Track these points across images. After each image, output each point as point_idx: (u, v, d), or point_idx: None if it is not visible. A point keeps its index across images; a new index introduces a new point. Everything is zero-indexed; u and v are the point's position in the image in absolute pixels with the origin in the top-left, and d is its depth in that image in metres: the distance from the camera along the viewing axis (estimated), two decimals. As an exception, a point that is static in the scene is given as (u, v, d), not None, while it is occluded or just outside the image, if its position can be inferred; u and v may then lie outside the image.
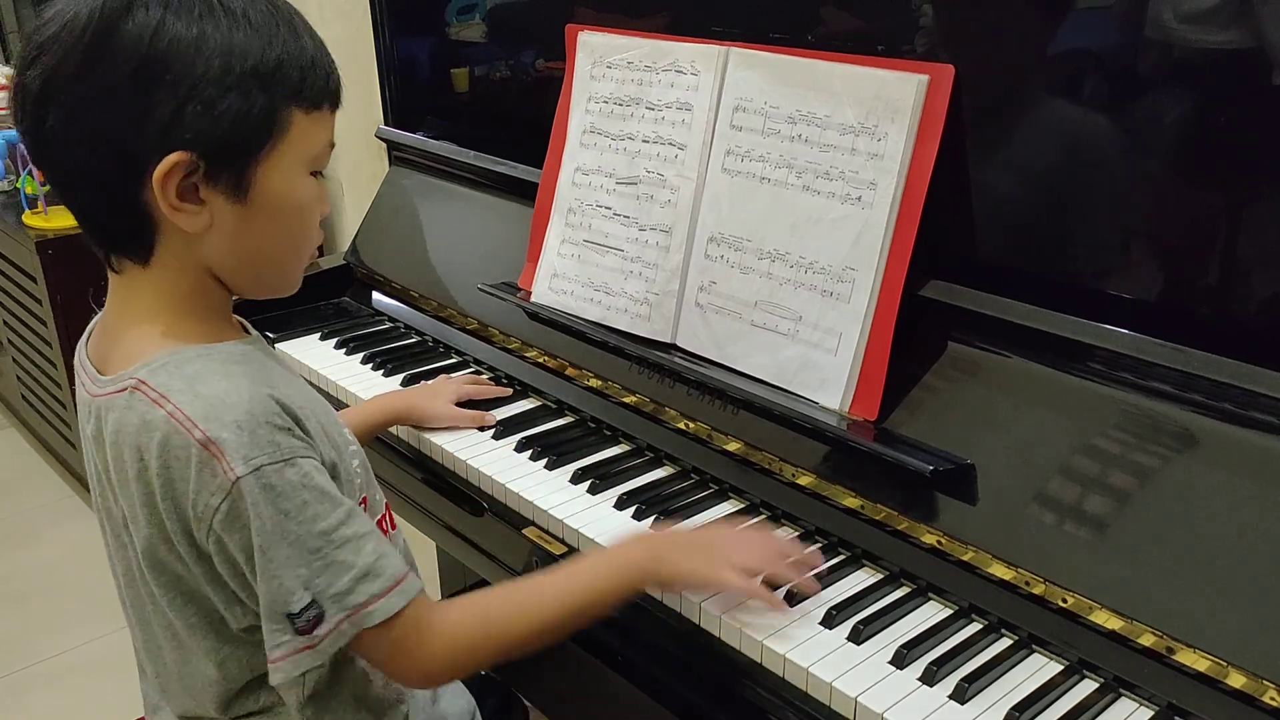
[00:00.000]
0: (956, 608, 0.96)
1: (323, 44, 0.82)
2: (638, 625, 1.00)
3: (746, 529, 1.03)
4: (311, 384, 1.44)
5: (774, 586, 0.94)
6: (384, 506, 0.98)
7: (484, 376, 1.39)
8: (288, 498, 0.77)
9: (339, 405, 1.41)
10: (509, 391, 1.31)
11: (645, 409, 1.23)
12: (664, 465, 1.19)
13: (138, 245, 0.80)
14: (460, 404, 1.30)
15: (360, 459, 0.93)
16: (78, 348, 0.89)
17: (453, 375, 1.38)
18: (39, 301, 2.46)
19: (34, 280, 2.45)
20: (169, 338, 0.81)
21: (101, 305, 0.88)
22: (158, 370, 0.78)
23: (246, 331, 0.89)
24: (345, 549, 0.80)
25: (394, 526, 1.00)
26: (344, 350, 1.51)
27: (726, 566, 0.91)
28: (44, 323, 2.47)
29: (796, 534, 1.06)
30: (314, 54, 0.80)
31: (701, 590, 0.95)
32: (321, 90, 0.81)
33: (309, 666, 0.79)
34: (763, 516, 1.09)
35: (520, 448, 1.23)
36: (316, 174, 0.84)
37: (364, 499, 0.90)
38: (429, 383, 1.36)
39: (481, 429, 1.27)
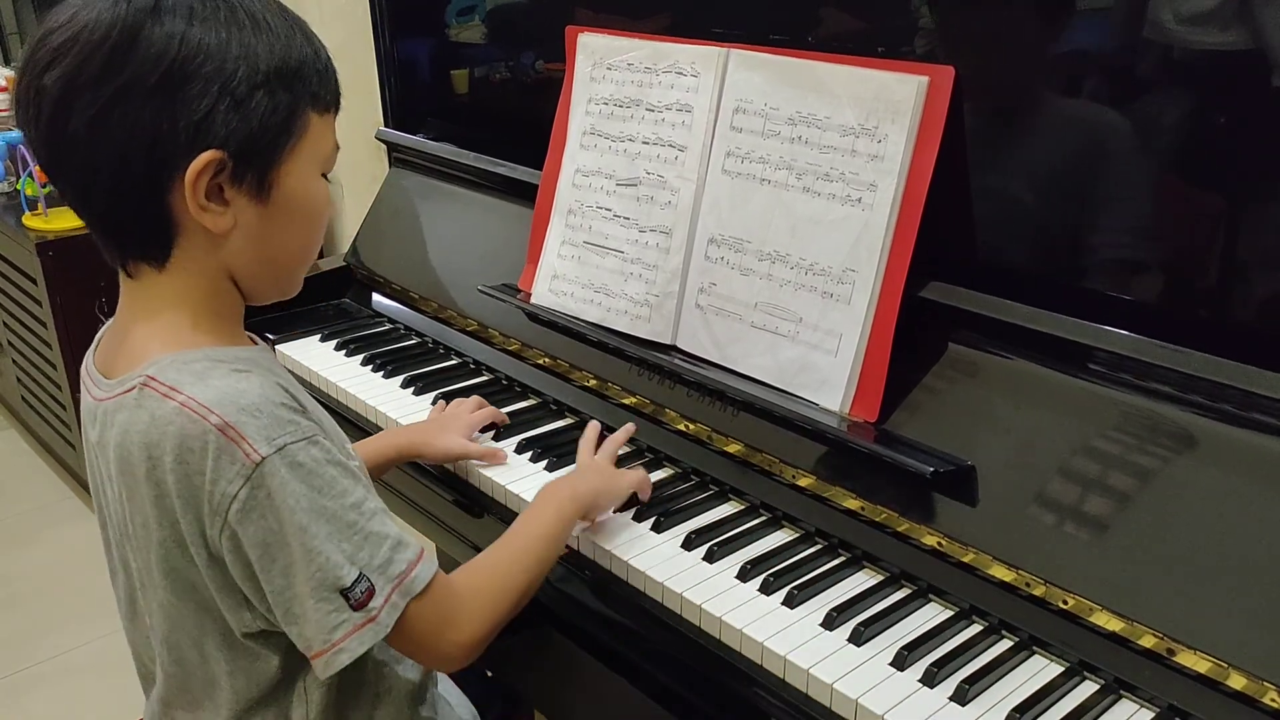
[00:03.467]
0: (957, 609, 0.96)
1: (326, 49, 0.85)
2: (639, 627, 1.00)
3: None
4: (312, 385, 1.46)
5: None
6: None
7: (490, 408, 1.28)
8: (317, 474, 0.78)
9: (338, 407, 1.41)
10: (508, 420, 1.28)
11: (645, 410, 1.23)
12: (664, 466, 1.19)
13: (157, 248, 0.80)
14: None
15: (364, 472, 0.91)
16: (85, 358, 0.88)
17: (462, 401, 1.29)
18: (39, 303, 2.47)
19: (34, 282, 2.45)
20: (179, 339, 0.82)
21: (109, 314, 0.88)
22: (166, 368, 0.79)
23: (254, 342, 0.90)
24: (375, 520, 0.81)
25: None
26: (344, 352, 1.51)
27: (609, 471, 1.10)
28: (44, 324, 2.48)
29: (797, 535, 1.06)
30: (325, 59, 0.84)
31: (610, 498, 1.07)
32: (333, 93, 0.84)
33: (372, 642, 0.80)
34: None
35: (521, 449, 1.23)
36: (324, 176, 0.86)
37: None
38: (437, 415, 1.28)
39: (483, 429, 1.27)
